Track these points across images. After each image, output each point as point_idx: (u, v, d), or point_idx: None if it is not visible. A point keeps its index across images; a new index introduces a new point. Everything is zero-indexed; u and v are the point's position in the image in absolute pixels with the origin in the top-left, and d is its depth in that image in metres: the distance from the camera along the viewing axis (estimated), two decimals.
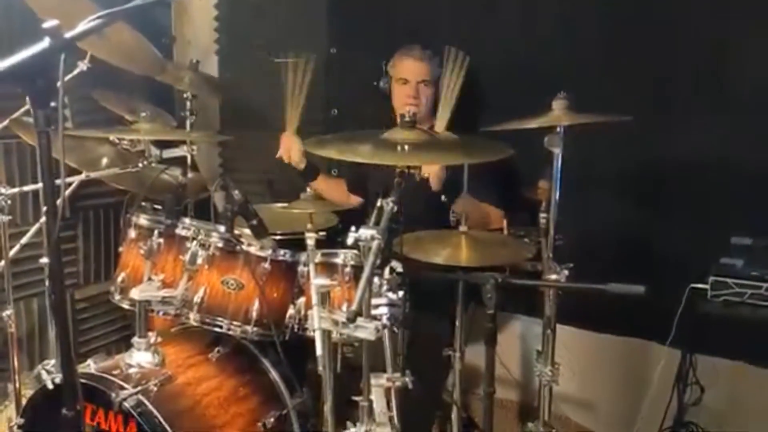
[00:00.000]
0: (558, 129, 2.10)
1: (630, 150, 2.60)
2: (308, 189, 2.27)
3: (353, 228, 1.70)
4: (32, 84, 1.18)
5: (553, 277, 2.13)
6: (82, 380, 1.95)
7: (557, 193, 2.15)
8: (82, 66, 2.46)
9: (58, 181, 1.26)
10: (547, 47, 2.79)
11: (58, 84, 1.21)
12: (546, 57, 2.78)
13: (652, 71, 2.61)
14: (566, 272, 2.12)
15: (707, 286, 2.20)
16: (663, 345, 2.44)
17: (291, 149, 2.81)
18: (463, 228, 2.17)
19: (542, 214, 2.27)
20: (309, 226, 2.24)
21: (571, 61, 2.72)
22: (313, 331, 1.76)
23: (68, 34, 1.21)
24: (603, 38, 2.69)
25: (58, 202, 1.24)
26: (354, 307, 1.52)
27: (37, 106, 1.20)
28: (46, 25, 1.17)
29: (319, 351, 1.74)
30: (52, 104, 1.20)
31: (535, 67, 2.77)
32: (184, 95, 2.83)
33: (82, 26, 1.25)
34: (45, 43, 1.17)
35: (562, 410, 2.94)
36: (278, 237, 2.48)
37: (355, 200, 2.98)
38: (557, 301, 2.23)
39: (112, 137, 2.50)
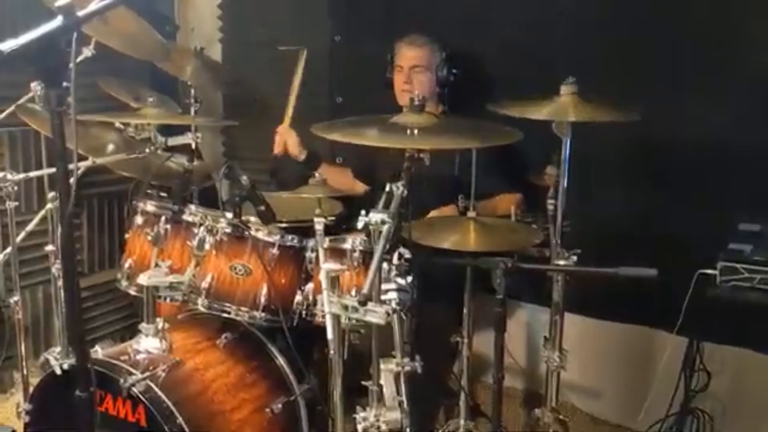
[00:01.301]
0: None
1: (637, 135, 2.58)
2: (316, 174, 2.26)
3: (363, 212, 1.69)
4: (44, 63, 1.18)
5: (562, 263, 2.12)
6: None
7: (565, 180, 2.14)
8: (87, 52, 2.45)
9: (71, 166, 1.26)
10: (551, 31, 2.77)
11: (71, 65, 1.20)
12: (551, 41, 2.76)
13: (658, 55, 2.60)
14: (574, 258, 2.12)
15: (716, 272, 2.19)
16: (670, 332, 2.43)
17: (287, 142, 2.82)
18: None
19: (550, 201, 2.27)
20: (318, 210, 2.22)
21: (576, 44, 2.70)
22: (323, 316, 1.75)
23: (81, 13, 1.20)
24: (607, 22, 2.67)
25: (72, 180, 1.23)
26: (365, 290, 1.52)
27: (49, 86, 1.20)
28: (59, 3, 1.16)
29: (329, 335, 1.74)
30: (65, 84, 1.20)
31: (540, 52, 2.75)
32: (188, 82, 2.82)
33: (93, 5, 1.25)
34: (57, 21, 1.16)
35: (568, 398, 2.94)
36: (284, 225, 2.47)
37: (361, 187, 2.97)
38: (565, 288, 2.22)
39: (118, 123, 2.49)
